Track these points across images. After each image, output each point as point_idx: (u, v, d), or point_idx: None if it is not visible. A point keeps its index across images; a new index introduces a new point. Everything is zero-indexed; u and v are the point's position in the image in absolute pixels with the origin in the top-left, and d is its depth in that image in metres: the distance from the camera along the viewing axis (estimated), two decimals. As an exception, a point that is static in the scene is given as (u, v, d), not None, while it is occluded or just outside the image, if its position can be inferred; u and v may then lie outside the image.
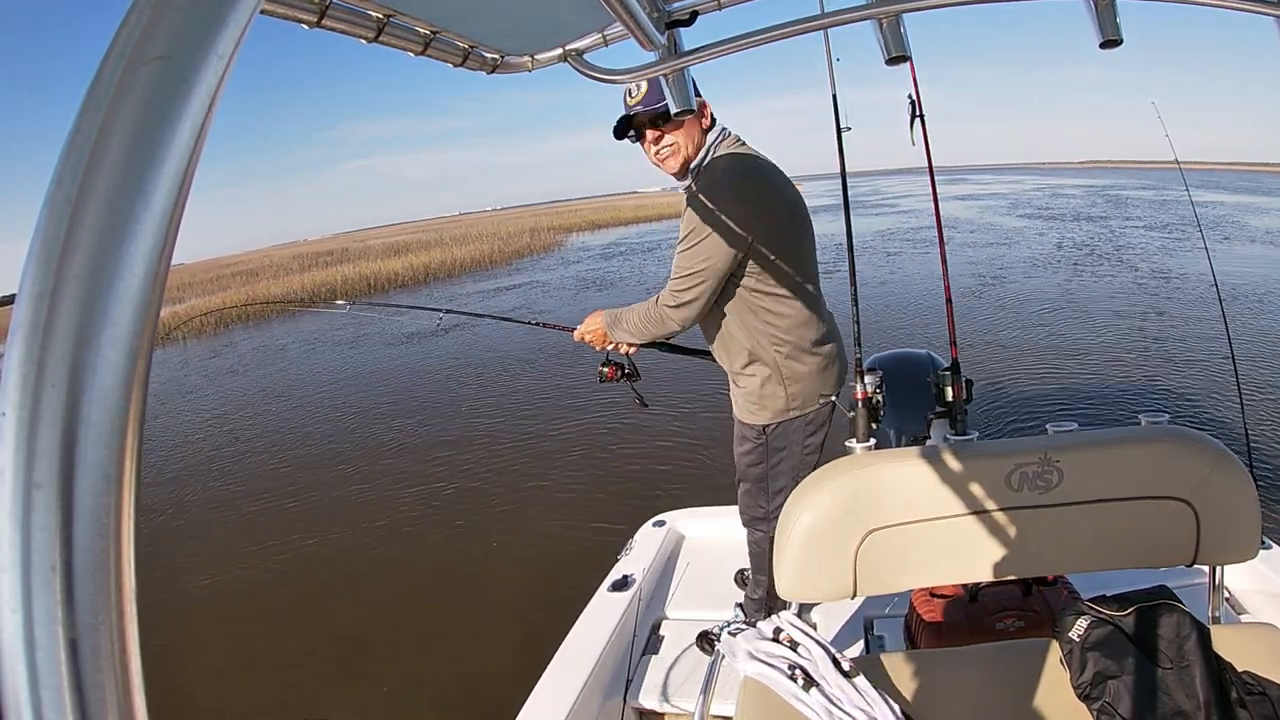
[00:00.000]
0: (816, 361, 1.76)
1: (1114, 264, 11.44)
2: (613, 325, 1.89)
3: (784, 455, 1.82)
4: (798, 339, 1.72)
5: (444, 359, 8.73)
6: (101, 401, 0.18)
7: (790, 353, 1.73)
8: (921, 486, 1.16)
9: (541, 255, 22.66)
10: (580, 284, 14.65)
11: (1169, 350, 6.35)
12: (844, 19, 0.83)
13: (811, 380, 1.76)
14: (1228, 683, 1.03)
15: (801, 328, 1.73)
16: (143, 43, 0.20)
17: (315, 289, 18.02)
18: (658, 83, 1.58)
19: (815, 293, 1.77)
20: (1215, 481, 1.11)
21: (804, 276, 1.73)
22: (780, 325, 1.71)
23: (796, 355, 1.73)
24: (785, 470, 1.83)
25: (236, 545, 4.47)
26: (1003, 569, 1.18)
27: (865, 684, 1.06)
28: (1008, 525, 1.16)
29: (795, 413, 1.78)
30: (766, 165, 1.70)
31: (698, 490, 3.98)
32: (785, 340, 1.72)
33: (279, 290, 18.02)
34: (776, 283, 1.68)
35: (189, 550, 4.47)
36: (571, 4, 0.84)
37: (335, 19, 0.70)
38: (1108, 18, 0.76)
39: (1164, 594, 1.15)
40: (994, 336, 7.21)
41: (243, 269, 31.00)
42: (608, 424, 5.70)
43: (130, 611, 0.19)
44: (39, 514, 0.18)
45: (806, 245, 1.75)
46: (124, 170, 0.19)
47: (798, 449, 1.80)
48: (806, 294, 1.73)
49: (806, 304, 1.73)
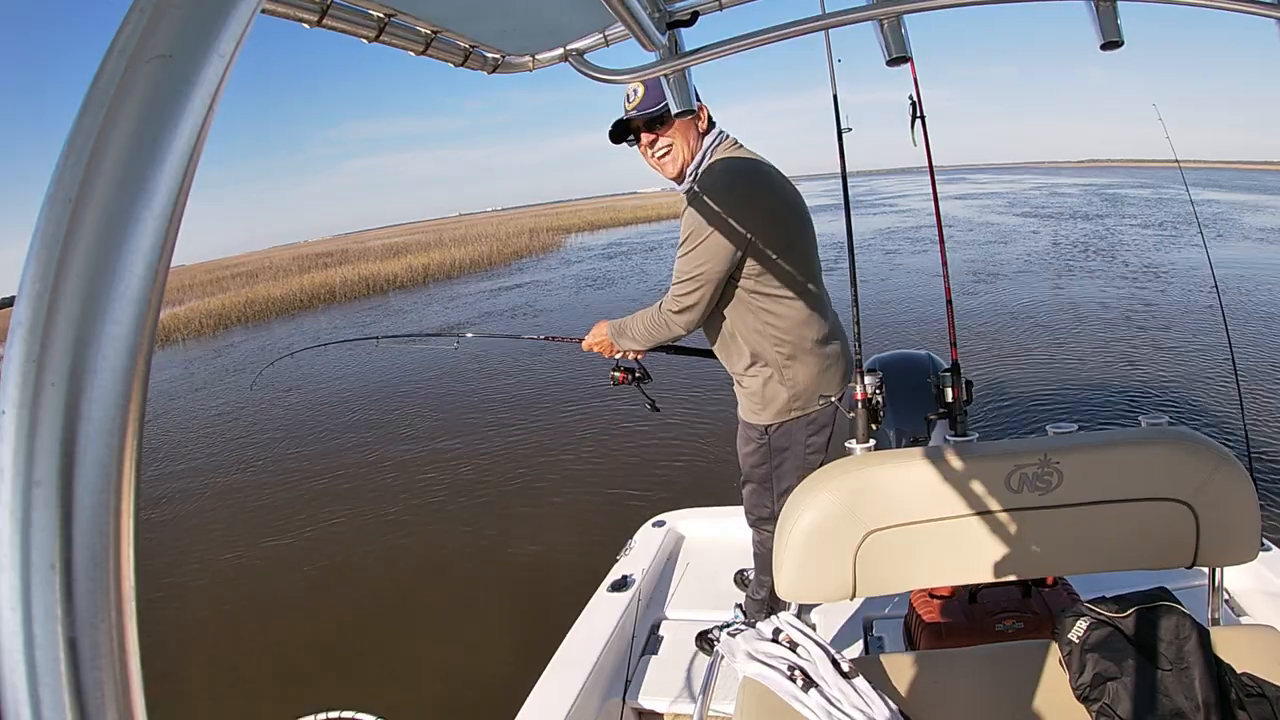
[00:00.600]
0: (818, 362, 1.76)
1: (1108, 260, 11.56)
2: (618, 334, 1.90)
3: (787, 455, 1.82)
4: (798, 339, 1.72)
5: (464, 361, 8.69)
6: (101, 400, 0.18)
7: (791, 353, 1.73)
8: (921, 487, 1.16)
9: (542, 256, 22.71)
10: (581, 283, 14.69)
11: (1169, 350, 6.35)
12: (845, 20, 0.83)
13: (813, 380, 1.76)
14: (1227, 684, 1.03)
15: (802, 328, 1.72)
16: (144, 42, 0.20)
17: (314, 291, 18.01)
18: (656, 86, 1.59)
19: (817, 292, 1.76)
20: (1215, 483, 1.11)
21: (805, 276, 1.72)
22: (780, 326, 1.71)
23: (798, 355, 1.73)
24: (790, 470, 1.83)
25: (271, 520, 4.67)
26: (1002, 570, 1.18)
27: (864, 685, 1.06)
28: (1007, 526, 1.16)
29: (798, 413, 1.78)
30: (764, 167, 1.70)
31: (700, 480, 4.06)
32: (785, 340, 1.72)
33: (279, 292, 17.96)
34: (776, 284, 1.68)
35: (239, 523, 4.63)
36: (573, 4, 0.84)
37: (336, 18, 0.70)
38: (1109, 19, 0.76)
39: (1163, 595, 1.15)
40: (993, 335, 7.21)
41: (242, 270, 30.93)
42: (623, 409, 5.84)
43: (130, 610, 0.19)
44: (39, 512, 0.18)
45: (807, 246, 1.75)
46: (125, 169, 0.19)
47: (800, 449, 1.80)
48: (808, 294, 1.73)
49: (808, 304, 1.73)
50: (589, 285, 14.24)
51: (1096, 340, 6.87)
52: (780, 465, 1.85)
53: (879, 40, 0.84)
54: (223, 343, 13.56)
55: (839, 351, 1.82)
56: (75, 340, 0.18)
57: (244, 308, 16.65)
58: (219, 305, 16.84)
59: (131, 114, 0.19)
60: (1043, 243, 14.52)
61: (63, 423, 0.18)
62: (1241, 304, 7.67)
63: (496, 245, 24.89)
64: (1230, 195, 25.45)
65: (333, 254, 33.17)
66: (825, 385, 1.79)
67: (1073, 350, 6.60)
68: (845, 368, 1.84)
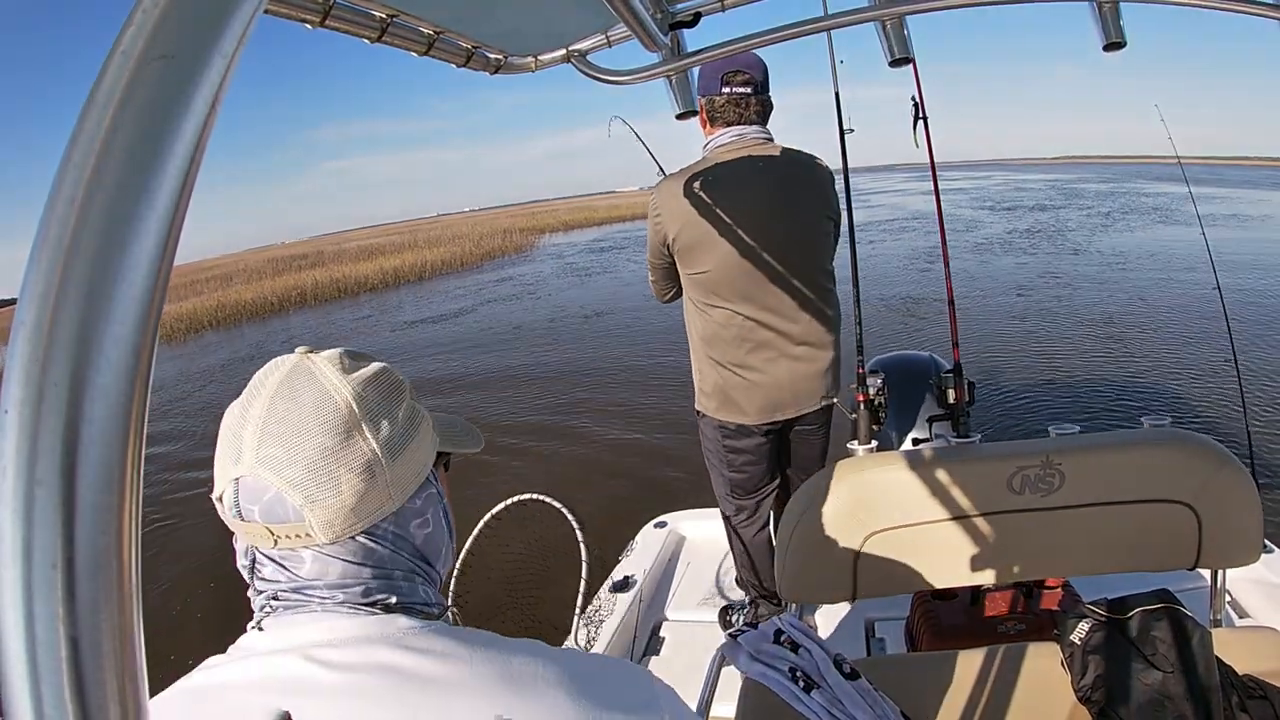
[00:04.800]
0: (736, 381, 1.75)
1: (1057, 243, 12.51)
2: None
3: (710, 452, 1.91)
4: (723, 354, 1.75)
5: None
6: (104, 399, 0.18)
7: (714, 359, 1.77)
8: (923, 489, 1.16)
9: (514, 256, 22.82)
10: (566, 271, 14.97)
11: (1170, 350, 6.33)
12: (847, 21, 0.83)
13: (718, 393, 1.79)
14: (1229, 686, 1.03)
15: (728, 345, 1.73)
16: (146, 42, 0.20)
17: (285, 294, 17.89)
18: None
19: (751, 319, 1.70)
20: (1217, 485, 1.11)
21: (736, 296, 1.69)
22: (704, 331, 1.77)
23: (717, 366, 1.77)
24: (715, 466, 1.92)
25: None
26: (1004, 572, 1.18)
27: (866, 686, 1.06)
28: (1009, 528, 1.15)
29: (708, 414, 1.84)
30: (717, 173, 1.67)
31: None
32: (700, 342, 1.79)
33: (251, 295, 17.80)
34: (706, 290, 1.72)
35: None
36: (575, 5, 0.85)
37: (339, 19, 0.70)
38: (1111, 21, 0.76)
39: (1165, 597, 1.14)
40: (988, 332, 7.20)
41: (217, 274, 30.43)
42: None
43: (133, 609, 0.19)
44: (41, 511, 0.18)
45: (746, 265, 1.67)
46: (127, 169, 0.19)
47: (719, 450, 1.87)
48: (740, 316, 1.70)
49: (738, 324, 1.71)
50: (573, 273, 14.56)
51: (1098, 339, 6.87)
52: (708, 458, 1.93)
53: (881, 41, 0.84)
54: (194, 347, 13.50)
55: (766, 383, 1.74)
56: (78, 339, 0.18)
57: (215, 311, 16.42)
58: (190, 310, 16.67)
59: (134, 114, 0.19)
60: (997, 230, 15.77)
61: (65, 422, 0.18)
62: (1244, 303, 7.66)
63: (469, 246, 24.98)
64: (1196, 189, 25.97)
65: (307, 256, 33.03)
66: (738, 410, 1.77)
67: (1073, 350, 6.59)
68: (765, 404, 1.76)
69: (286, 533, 0.53)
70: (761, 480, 1.90)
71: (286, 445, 0.52)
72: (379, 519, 0.56)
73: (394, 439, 0.56)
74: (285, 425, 0.53)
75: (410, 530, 0.59)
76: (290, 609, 0.54)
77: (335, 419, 0.53)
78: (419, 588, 0.59)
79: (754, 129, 1.68)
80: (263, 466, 0.52)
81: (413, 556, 0.59)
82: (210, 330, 15.05)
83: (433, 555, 0.61)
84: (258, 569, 0.56)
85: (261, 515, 0.53)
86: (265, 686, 0.50)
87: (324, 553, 0.54)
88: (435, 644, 0.52)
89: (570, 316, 10.93)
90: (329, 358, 0.57)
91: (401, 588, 0.57)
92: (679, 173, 1.71)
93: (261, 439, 0.52)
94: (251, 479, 0.52)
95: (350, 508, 0.53)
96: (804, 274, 1.70)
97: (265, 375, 0.56)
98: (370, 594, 0.55)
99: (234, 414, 0.55)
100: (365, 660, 0.51)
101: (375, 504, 0.55)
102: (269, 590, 0.55)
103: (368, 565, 0.56)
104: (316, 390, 0.54)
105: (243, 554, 0.57)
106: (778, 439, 1.87)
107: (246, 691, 0.51)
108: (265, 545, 0.54)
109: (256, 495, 0.53)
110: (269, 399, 0.54)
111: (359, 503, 0.54)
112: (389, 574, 0.57)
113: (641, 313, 9.83)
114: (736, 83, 1.64)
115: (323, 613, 0.54)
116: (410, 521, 0.59)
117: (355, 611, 0.54)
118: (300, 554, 0.54)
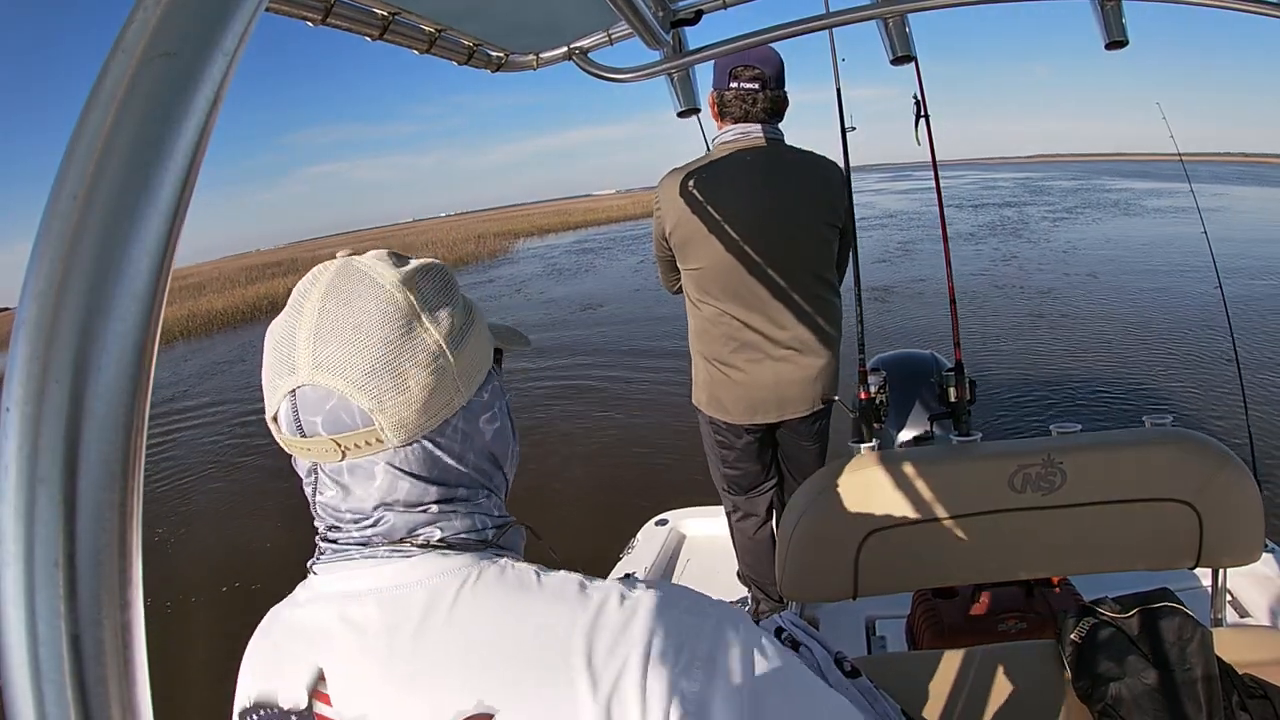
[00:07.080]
0: (720, 378, 1.76)
1: (1018, 238, 12.77)
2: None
3: (707, 447, 1.93)
4: (710, 350, 1.76)
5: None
6: (105, 397, 0.18)
7: (703, 354, 1.79)
8: (924, 487, 1.16)
9: (490, 261, 22.77)
10: (547, 271, 15.17)
11: (1171, 350, 6.32)
12: (849, 18, 0.83)
13: (708, 389, 1.80)
14: (1230, 686, 1.03)
15: (715, 342, 1.74)
16: (149, 39, 0.20)
17: (257, 302, 17.36)
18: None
19: (738, 319, 1.70)
20: (1219, 484, 1.11)
21: (725, 295, 1.69)
22: (696, 326, 1.78)
23: (706, 361, 1.78)
24: (713, 462, 1.93)
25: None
26: (1005, 570, 1.18)
27: (867, 684, 1.06)
28: (1011, 527, 1.15)
29: (700, 408, 1.85)
30: (714, 170, 1.66)
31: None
32: (695, 336, 1.80)
33: (222, 304, 17.23)
34: (698, 287, 1.73)
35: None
36: (577, 3, 0.84)
37: (340, 16, 0.70)
38: (1114, 19, 0.76)
39: (1166, 596, 1.14)
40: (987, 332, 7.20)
41: (191, 282, 29.53)
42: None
43: (135, 606, 0.19)
44: (42, 509, 0.18)
45: (736, 264, 1.66)
46: (129, 166, 0.19)
47: (708, 442, 1.89)
48: (727, 315, 1.71)
49: (725, 323, 1.71)
50: (554, 273, 14.73)
51: (1098, 339, 6.86)
52: (707, 452, 1.94)
53: (882, 40, 0.84)
54: (163, 359, 13.25)
55: (754, 382, 1.73)
56: (80, 337, 0.18)
57: (186, 321, 15.78)
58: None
59: (137, 111, 0.19)
60: (964, 227, 16.06)
61: (67, 420, 0.18)
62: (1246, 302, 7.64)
63: (442, 252, 24.76)
64: (1170, 185, 26.31)
65: (282, 263, 32.70)
66: (724, 408, 1.78)
67: (1073, 350, 6.58)
68: (747, 404, 1.76)
69: (355, 441, 0.49)
70: (756, 479, 1.90)
71: (345, 344, 0.48)
72: (449, 415, 0.52)
73: (455, 329, 0.53)
74: (341, 324, 0.48)
75: (479, 425, 0.55)
76: (338, 556, 0.52)
77: (394, 312, 0.49)
78: (482, 501, 0.56)
79: (759, 126, 1.66)
80: (321, 371, 0.48)
81: (481, 456, 0.56)
82: (181, 340, 14.34)
83: (501, 454, 0.58)
84: (320, 490, 0.52)
85: (325, 427, 0.49)
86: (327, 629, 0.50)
87: (394, 465, 0.51)
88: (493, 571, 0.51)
89: (566, 308, 11.09)
90: (376, 255, 0.54)
91: (459, 510, 0.54)
92: (682, 166, 1.71)
93: (316, 342, 0.48)
94: (310, 388, 0.49)
95: (420, 404, 0.50)
96: (796, 278, 1.68)
97: (310, 282, 0.52)
98: (416, 530, 0.52)
99: (280, 325, 0.51)
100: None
101: (444, 399, 0.51)
102: (326, 520, 0.53)
103: (434, 483, 0.52)
104: (369, 285, 0.50)
105: (306, 474, 0.54)
106: (769, 440, 1.87)
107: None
108: (332, 460, 0.50)
109: (318, 405, 0.49)
110: (320, 301, 0.49)
111: (429, 398, 0.50)
112: (452, 493, 0.54)
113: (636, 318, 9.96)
114: (744, 78, 1.62)
115: (361, 560, 0.51)
116: (479, 416, 0.55)
117: (405, 555, 0.51)
118: (371, 468, 0.51)
